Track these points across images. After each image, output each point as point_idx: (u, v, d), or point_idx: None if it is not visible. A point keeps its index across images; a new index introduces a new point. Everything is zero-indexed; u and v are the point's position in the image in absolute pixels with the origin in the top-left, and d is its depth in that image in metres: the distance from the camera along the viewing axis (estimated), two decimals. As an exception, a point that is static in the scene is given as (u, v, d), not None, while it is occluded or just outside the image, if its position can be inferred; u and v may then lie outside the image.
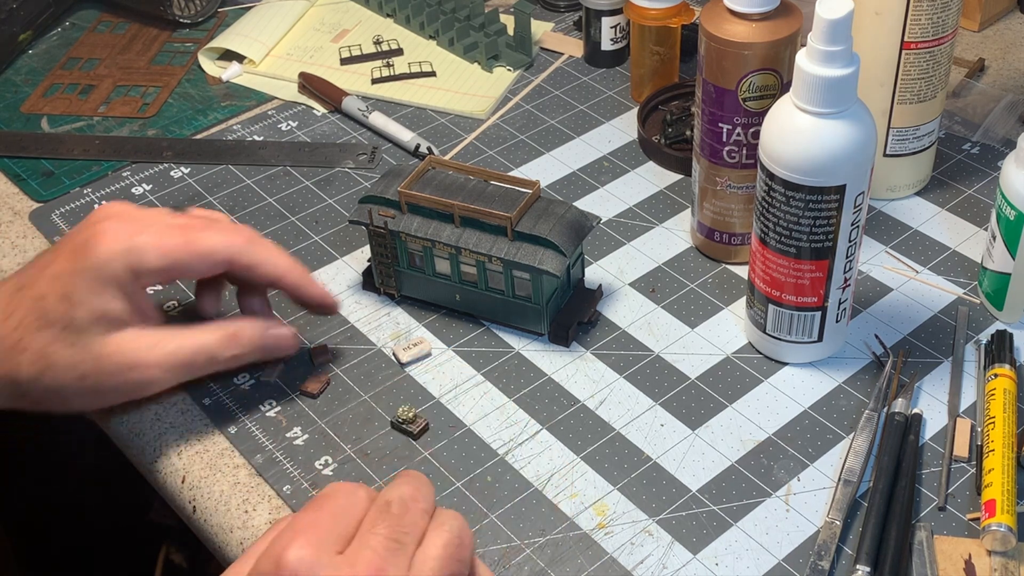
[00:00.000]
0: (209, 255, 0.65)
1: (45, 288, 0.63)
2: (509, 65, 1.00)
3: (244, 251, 0.65)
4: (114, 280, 0.62)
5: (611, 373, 0.71)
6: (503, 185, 0.73)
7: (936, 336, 0.73)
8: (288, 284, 0.67)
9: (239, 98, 0.98)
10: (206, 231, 0.65)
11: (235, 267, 0.66)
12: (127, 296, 0.63)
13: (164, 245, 0.63)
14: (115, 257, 0.62)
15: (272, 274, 0.67)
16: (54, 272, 0.63)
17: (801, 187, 0.63)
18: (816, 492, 0.64)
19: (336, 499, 0.50)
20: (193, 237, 0.64)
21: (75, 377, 0.63)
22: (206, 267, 0.65)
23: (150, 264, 0.63)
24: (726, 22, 0.70)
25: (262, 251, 0.66)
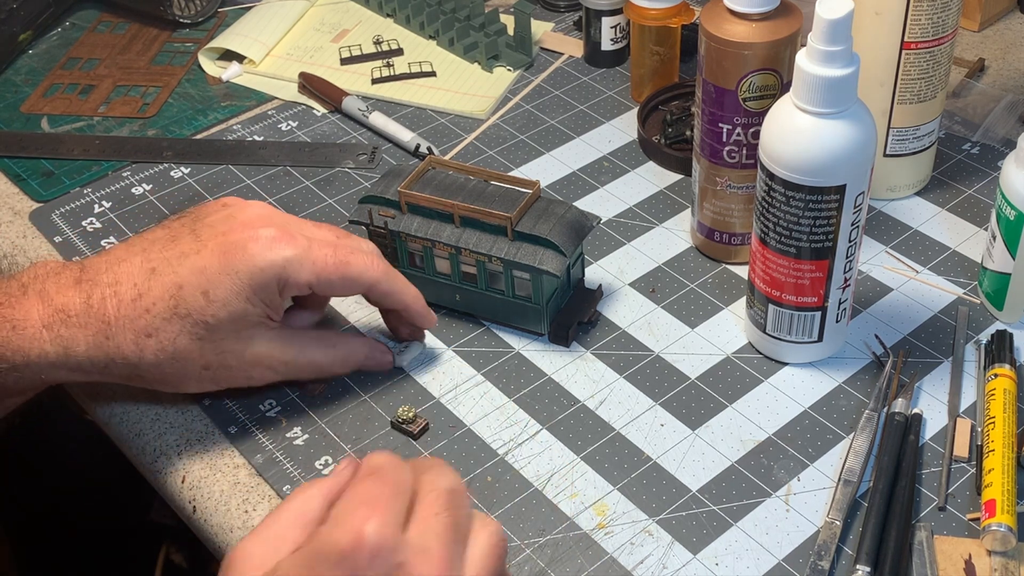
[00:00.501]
0: (356, 280, 0.67)
1: (185, 278, 0.62)
2: (509, 65, 1.00)
3: (384, 280, 0.68)
4: (263, 289, 0.64)
5: (611, 373, 0.71)
6: (503, 185, 0.73)
7: (936, 336, 0.73)
8: (412, 313, 0.71)
9: (239, 98, 0.98)
10: (354, 255, 0.66)
11: (373, 293, 0.69)
12: (268, 303, 0.65)
13: (318, 263, 0.65)
14: (270, 268, 0.63)
15: (402, 303, 0.70)
16: (198, 265, 0.63)
17: (801, 187, 0.63)
18: (816, 492, 0.64)
19: (393, 474, 0.50)
20: (344, 259, 0.66)
21: (198, 367, 0.65)
22: (349, 289, 0.68)
23: (301, 279, 0.64)
24: (726, 22, 0.70)
25: (398, 282, 0.69)
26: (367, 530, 0.47)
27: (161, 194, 0.87)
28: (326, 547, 0.47)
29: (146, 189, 0.88)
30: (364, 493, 0.49)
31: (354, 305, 0.76)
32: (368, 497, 0.49)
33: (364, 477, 0.50)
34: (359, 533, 0.47)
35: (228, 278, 0.63)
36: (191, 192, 0.87)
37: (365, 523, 0.47)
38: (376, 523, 0.47)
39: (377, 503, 0.48)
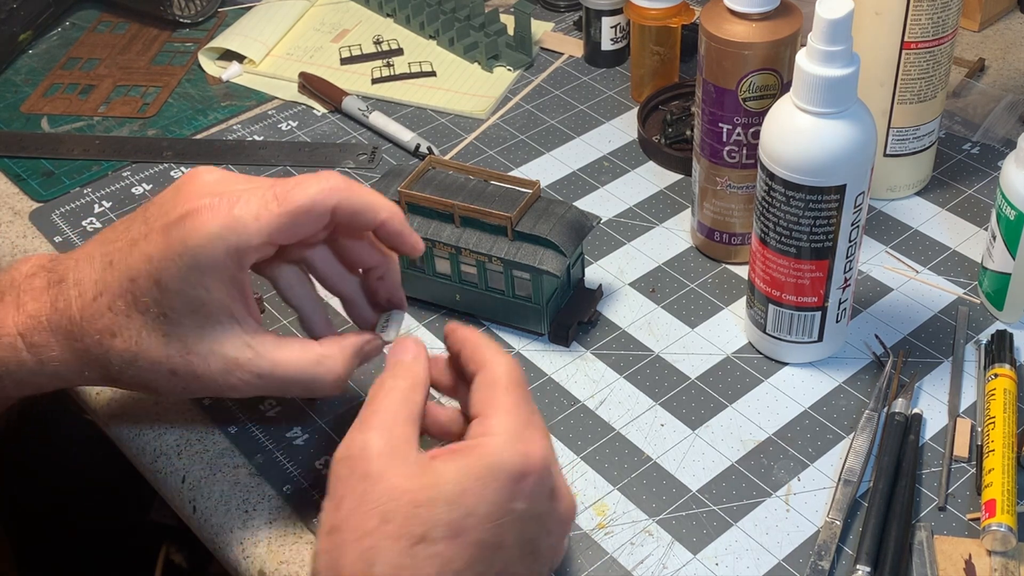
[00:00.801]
0: (310, 209, 0.56)
1: (137, 269, 0.56)
2: (509, 65, 1.00)
3: (346, 196, 0.56)
4: (213, 267, 0.55)
5: (611, 373, 0.71)
6: (503, 185, 0.73)
7: (936, 336, 0.73)
8: (391, 230, 0.59)
9: (239, 98, 0.98)
10: (299, 185, 0.56)
11: (340, 216, 0.57)
12: (227, 284, 0.56)
13: (262, 216, 0.55)
14: (212, 241, 0.54)
15: (377, 219, 0.58)
16: (146, 252, 0.56)
17: (801, 187, 0.63)
18: (816, 492, 0.64)
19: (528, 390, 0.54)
20: (290, 197, 0.55)
21: (166, 372, 0.57)
22: (310, 224, 0.57)
23: (250, 241, 0.55)
24: (726, 22, 0.70)
25: (365, 194, 0.57)
26: (537, 454, 0.50)
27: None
28: (498, 466, 0.49)
29: (146, 189, 0.88)
30: (525, 413, 0.52)
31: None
32: (529, 417, 0.52)
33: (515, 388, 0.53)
34: (532, 457, 0.50)
35: (174, 263, 0.55)
36: (191, 192, 0.87)
37: (535, 445, 0.51)
38: (543, 447, 0.51)
39: (537, 424, 0.52)
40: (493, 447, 0.50)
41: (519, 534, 0.50)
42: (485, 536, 0.49)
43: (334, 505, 0.49)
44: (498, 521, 0.49)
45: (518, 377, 0.54)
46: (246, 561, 0.62)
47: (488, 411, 0.52)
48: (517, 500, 0.50)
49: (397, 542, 0.47)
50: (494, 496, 0.49)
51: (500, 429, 0.50)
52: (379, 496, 0.48)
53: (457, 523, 0.48)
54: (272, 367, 0.58)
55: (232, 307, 0.57)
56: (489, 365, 0.54)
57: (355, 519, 0.48)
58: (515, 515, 0.50)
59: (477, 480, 0.49)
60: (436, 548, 0.47)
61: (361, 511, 0.48)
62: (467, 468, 0.49)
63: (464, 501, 0.48)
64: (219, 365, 0.57)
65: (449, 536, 0.48)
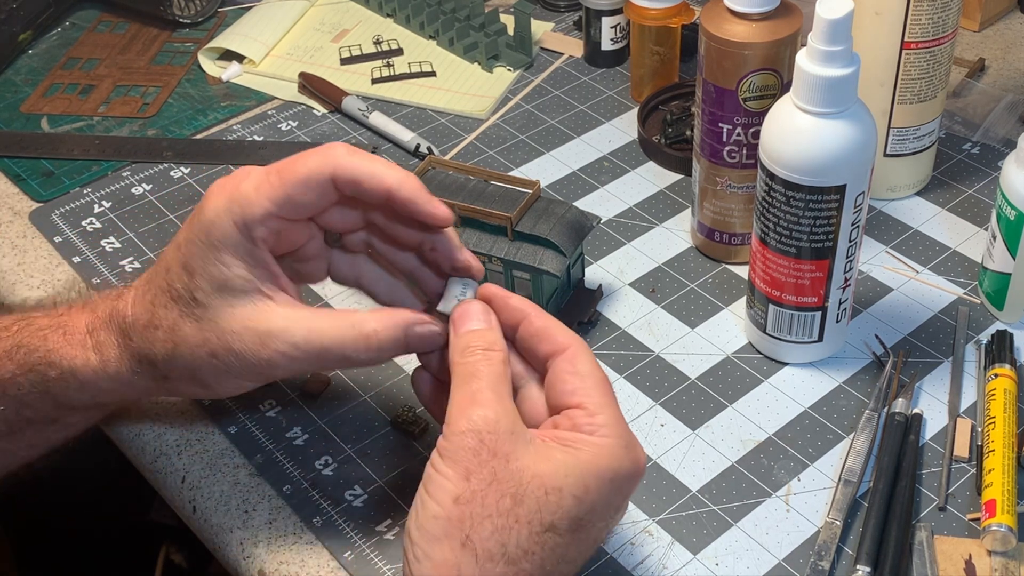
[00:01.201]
0: (309, 178, 0.56)
1: (170, 259, 0.58)
2: (509, 65, 1.00)
3: (345, 164, 0.56)
4: (225, 241, 0.56)
5: (611, 373, 0.71)
6: (503, 185, 0.73)
7: (936, 336, 0.73)
8: (403, 198, 0.56)
9: (239, 98, 0.98)
10: (300, 157, 0.57)
11: (342, 185, 0.56)
12: (245, 259, 0.57)
13: (262, 187, 0.56)
14: (220, 216, 0.56)
15: (382, 186, 0.56)
16: (177, 241, 0.58)
17: (801, 187, 0.63)
18: (816, 492, 0.64)
19: None
20: (288, 168, 0.56)
21: (206, 355, 0.58)
22: (313, 194, 0.56)
23: (255, 212, 0.56)
24: (726, 22, 0.70)
25: (365, 160, 0.56)
26: (643, 461, 0.53)
27: (161, 194, 0.87)
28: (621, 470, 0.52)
29: (146, 189, 0.88)
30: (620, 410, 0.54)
31: (354, 305, 0.76)
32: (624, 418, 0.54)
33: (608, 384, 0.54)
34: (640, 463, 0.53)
35: (194, 244, 0.57)
36: (191, 192, 0.87)
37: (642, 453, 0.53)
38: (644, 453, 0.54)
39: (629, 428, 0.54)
40: (613, 450, 0.52)
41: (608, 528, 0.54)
42: (597, 533, 0.52)
43: (461, 475, 0.50)
44: (608, 520, 0.53)
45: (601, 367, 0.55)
46: (246, 561, 0.62)
47: (591, 405, 0.53)
48: (622, 499, 0.53)
49: (529, 526, 0.49)
50: (610, 498, 0.52)
51: (613, 432, 0.52)
52: (511, 476, 0.49)
53: (580, 518, 0.50)
54: (307, 335, 0.57)
55: (257, 281, 0.57)
56: (573, 350, 0.54)
57: (488, 496, 0.49)
58: (616, 511, 0.53)
59: (598, 479, 0.51)
60: (561, 539, 0.50)
61: (495, 488, 0.49)
62: (589, 466, 0.51)
63: (587, 498, 0.50)
64: (253, 339, 0.57)
65: (572, 529, 0.50)
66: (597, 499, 0.51)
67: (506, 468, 0.49)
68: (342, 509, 0.64)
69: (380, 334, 0.57)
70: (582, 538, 0.51)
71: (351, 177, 0.56)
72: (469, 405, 0.51)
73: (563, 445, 0.51)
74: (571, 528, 0.50)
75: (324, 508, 0.64)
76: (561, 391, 0.54)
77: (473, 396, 0.52)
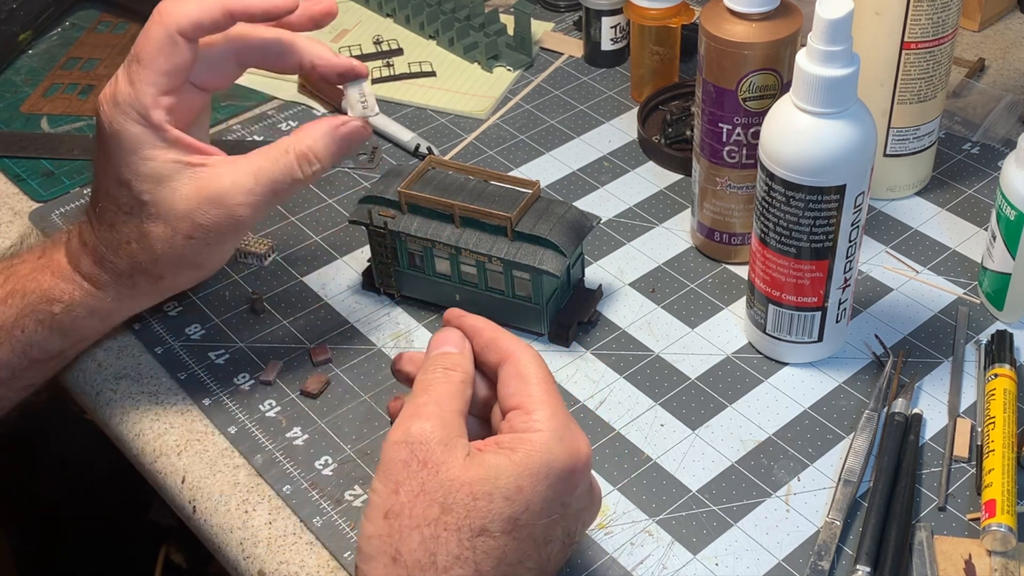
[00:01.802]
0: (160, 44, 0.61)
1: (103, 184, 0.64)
2: (509, 65, 1.00)
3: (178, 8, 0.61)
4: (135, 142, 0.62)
5: (611, 373, 0.71)
6: (503, 185, 0.73)
7: (936, 336, 0.73)
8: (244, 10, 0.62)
9: (239, 98, 0.98)
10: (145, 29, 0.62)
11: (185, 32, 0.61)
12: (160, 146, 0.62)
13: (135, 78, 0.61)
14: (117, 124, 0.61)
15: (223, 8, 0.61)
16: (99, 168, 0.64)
17: (801, 187, 0.63)
18: (816, 492, 0.64)
19: None
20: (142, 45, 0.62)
21: (183, 240, 0.63)
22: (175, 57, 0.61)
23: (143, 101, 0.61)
24: (726, 22, 0.70)
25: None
26: (584, 450, 0.53)
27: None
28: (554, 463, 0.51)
29: (146, 189, 0.88)
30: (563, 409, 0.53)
31: (354, 305, 0.76)
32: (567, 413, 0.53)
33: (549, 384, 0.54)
34: (581, 454, 0.52)
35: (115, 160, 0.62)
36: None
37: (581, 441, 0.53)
38: (587, 443, 0.53)
39: (573, 420, 0.54)
40: (543, 444, 0.51)
41: (565, 529, 0.53)
42: (538, 531, 0.51)
43: (391, 489, 0.50)
44: (550, 517, 0.51)
45: (546, 368, 0.55)
46: (246, 561, 0.62)
47: (527, 404, 0.53)
48: (567, 496, 0.52)
49: (458, 533, 0.49)
50: (548, 492, 0.51)
51: (546, 425, 0.52)
52: (439, 486, 0.50)
53: (514, 518, 0.50)
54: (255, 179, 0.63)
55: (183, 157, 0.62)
56: (515, 355, 0.55)
57: (417, 507, 0.49)
58: (564, 509, 0.52)
59: (532, 476, 0.50)
60: (495, 542, 0.50)
61: (422, 499, 0.49)
62: (521, 464, 0.50)
63: (521, 497, 0.50)
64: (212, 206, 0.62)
65: (507, 530, 0.50)
66: (532, 496, 0.50)
67: (435, 478, 0.50)
68: (342, 509, 0.64)
69: (313, 147, 0.64)
70: (522, 537, 0.50)
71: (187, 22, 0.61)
72: (410, 418, 0.52)
73: (499, 449, 0.51)
74: (506, 529, 0.50)
75: (324, 508, 0.64)
76: (503, 395, 0.55)
77: (417, 409, 0.52)
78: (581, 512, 0.54)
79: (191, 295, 0.77)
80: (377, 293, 0.77)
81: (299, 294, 0.77)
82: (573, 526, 0.54)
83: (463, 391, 0.54)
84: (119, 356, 0.74)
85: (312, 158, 0.64)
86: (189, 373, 0.72)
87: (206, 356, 0.73)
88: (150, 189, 0.62)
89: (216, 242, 0.64)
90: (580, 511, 0.54)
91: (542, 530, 0.51)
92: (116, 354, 0.74)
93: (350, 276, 0.79)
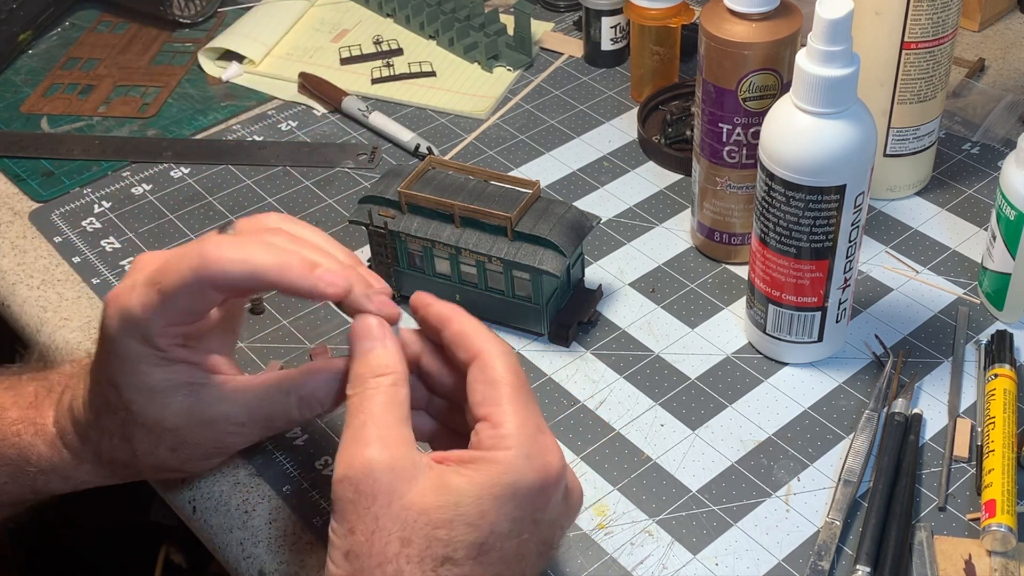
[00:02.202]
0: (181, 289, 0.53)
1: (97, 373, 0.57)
2: (509, 65, 1.00)
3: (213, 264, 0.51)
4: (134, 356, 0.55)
5: (611, 373, 0.71)
6: (503, 185, 0.73)
7: (936, 336, 0.73)
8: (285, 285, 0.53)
9: (239, 98, 0.98)
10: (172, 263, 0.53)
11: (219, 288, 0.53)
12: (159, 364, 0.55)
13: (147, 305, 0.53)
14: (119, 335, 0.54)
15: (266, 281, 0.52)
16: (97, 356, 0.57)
17: (801, 187, 0.63)
18: (816, 492, 0.64)
19: None
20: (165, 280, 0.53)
21: (166, 450, 0.58)
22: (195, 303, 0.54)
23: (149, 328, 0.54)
24: (726, 22, 0.70)
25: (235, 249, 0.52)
26: (555, 463, 0.49)
27: (161, 194, 0.87)
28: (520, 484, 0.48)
29: (146, 189, 0.88)
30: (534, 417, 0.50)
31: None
32: (538, 422, 0.50)
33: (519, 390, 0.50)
34: (551, 469, 0.49)
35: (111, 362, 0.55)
36: (191, 192, 0.87)
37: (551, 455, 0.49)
38: (557, 453, 0.49)
39: (544, 426, 0.50)
40: (510, 463, 0.48)
41: (539, 542, 0.50)
42: (508, 553, 0.49)
43: (347, 530, 0.48)
44: (520, 537, 0.49)
45: (519, 372, 0.51)
46: (246, 561, 0.62)
47: (495, 416, 0.49)
48: (537, 513, 0.49)
49: (420, 565, 0.47)
50: (515, 513, 0.48)
51: (513, 442, 0.48)
52: (394, 518, 0.47)
53: (479, 543, 0.47)
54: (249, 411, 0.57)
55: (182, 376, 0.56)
56: (485, 356, 0.51)
57: (374, 545, 0.47)
58: (537, 524, 0.49)
59: (496, 500, 0.47)
60: (461, 569, 0.47)
61: (378, 536, 0.47)
62: (486, 486, 0.47)
63: (484, 522, 0.47)
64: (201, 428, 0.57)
65: (473, 556, 0.47)
66: (498, 519, 0.48)
67: (388, 511, 0.47)
68: (342, 509, 0.63)
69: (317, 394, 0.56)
70: (491, 560, 0.48)
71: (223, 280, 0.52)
72: (350, 446, 0.49)
73: (461, 468, 0.48)
74: (471, 555, 0.47)
75: (324, 508, 0.64)
76: (472, 402, 0.51)
77: (355, 435, 0.49)
78: (559, 520, 0.51)
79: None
80: (377, 293, 0.77)
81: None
82: (549, 536, 0.51)
83: (396, 394, 0.50)
84: (119, 356, 0.73)
85: (315, 405, 0.57)
86: (189, 373, 0.72)
87: (206, 356, 0.73)
88: (140, 399, 0.56)
89: (202, 457, 0.60)
90: (555, 520, 0.51)
91: (512, 550, 0.49)
92: (116, 354, 0.74)
93: (350, 276, 0.79)
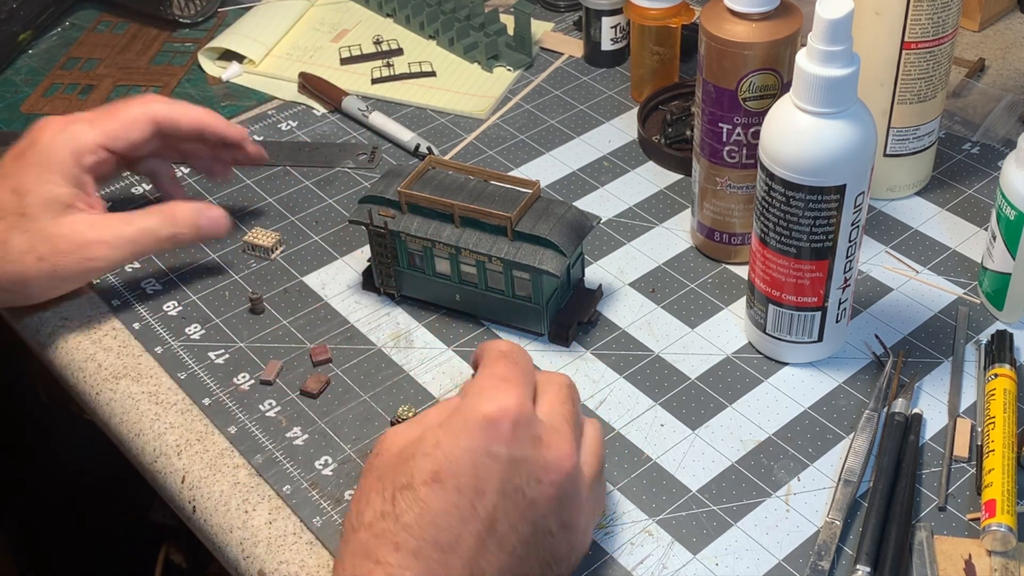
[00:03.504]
0: (136, 120, 0.74)
1: None
2: (509, 65, 1.00)
3: (164, 109, 0.75)
4: (58, 165, 0.70)
5: (611, 373, 0.71)
6: (503, 185, 0.73)
7: (936, 336, 0.73)
8: (213, 129, 0.77)
9: (239, 98, 0.98)
10: (123, 105, 0.75)
11: (162, 125, 0.75)
12: (72, 180, 0.71)
13: (95, 121, 0.73)
14: (56, 143, 0.71)
15: (195, 123, 0.76)
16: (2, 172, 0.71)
17: (801, 187, 0.63)
18: (816, 492, 0.64)
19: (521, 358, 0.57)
20: (116, 111, 0.74)
21: (34, 260, 0.70)
22: (137, 133, 0.74)
23: (87, 141, 0.72)
24: (726, 22, 0.70)
25: (179, 106, 0.76)
26: (510, 402, 0.53)
27: (160, 194, 0.87)
28: (470, 415, 0.52)
29: (146, 189, 0.88)
30: (502, 371, 0.55)
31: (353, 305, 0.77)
32: (505, 374, 0.55)
33: (496, 359, 0.56)
34: (503, 404, 0.53)
35: (27, 169, 0.70)
36: (191, 192, 0.87)
37: (507, 395, 0.53)
38: (517, 396, 0.53)
39: (514, 380, 0.54)
40: (465, 401, 0.54)
41: (501, 480, 0.52)
42: (464, 480, 0.51)
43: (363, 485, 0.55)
44: (476, 464, 0.52)
45: (506, 348, 0.57)
46: (246, 561, 0.62)
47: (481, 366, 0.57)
48: (494, 444, 0.52)
49: (383, 493, 0.52)
50: (469, 442, 0.52)
51: (473, 388, 0.54)
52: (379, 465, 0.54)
53: (434, 470, 0.52)
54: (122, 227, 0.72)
55: (77, 198, 0.71)
56: (481, 347, 0.58)
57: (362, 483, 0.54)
58: (493, 459, 0.52)
59: (449, 430, 0.52)
60: (416, 493, 0.51)
61: (365, 476, 0.54)
62: (443, 417, 0.53)
63: (439, 451, 0.52)
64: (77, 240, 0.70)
65: (427, 482, 0.51)
66: (451, 448, 0.52)
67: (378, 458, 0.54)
68: (342, 509, 0.64)
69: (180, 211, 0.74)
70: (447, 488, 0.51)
71: (170, 119, 0.75)
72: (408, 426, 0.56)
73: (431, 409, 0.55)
74: (426, 481, 0.51)
75: (324, 508, 0.64)
76: None
77: None
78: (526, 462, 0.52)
79: (191, 295, 0.77)
80: (377, 293, 0.77)
81: (299, 294, 0.77)
82: (517, 479, 0.52)
83: None
84: (119, 356, 0.74)
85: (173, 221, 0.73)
86: (189, 373, 0.72)
87: (206, 356, 0.73)
88: (38, 205, 0.69)
89: (62, 276, 0.71)
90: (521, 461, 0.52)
91: (469, 478, 0.51)
92: (116, 354, 0.74)
93: (350, 276, 0.79)
